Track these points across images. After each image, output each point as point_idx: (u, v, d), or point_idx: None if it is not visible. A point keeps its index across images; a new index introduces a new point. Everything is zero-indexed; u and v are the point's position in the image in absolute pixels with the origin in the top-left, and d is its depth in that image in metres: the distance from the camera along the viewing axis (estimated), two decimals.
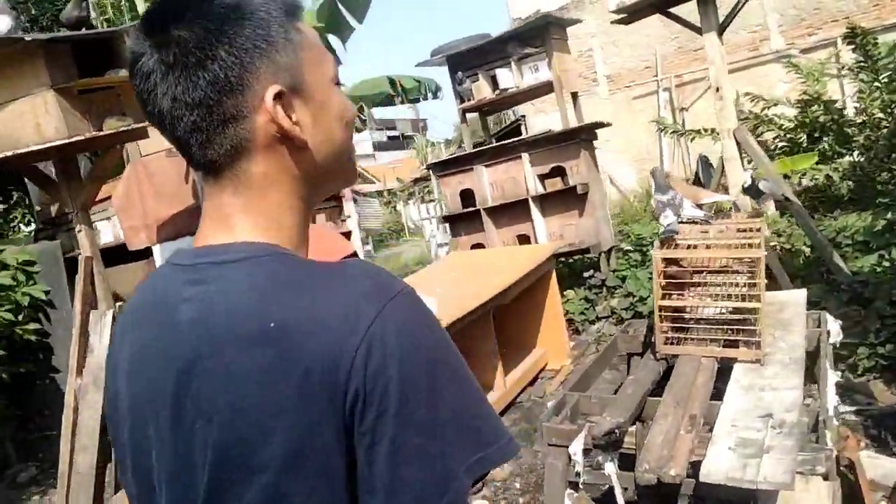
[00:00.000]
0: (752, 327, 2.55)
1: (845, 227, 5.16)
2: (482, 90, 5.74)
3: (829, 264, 4.45)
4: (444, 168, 6.09)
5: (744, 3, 4.65)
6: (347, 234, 5.59)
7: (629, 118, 14.47)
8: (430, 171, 6.26)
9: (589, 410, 2.60)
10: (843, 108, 8.36)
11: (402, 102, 9.19)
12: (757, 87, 10.93)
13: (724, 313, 2.73)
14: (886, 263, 4.19)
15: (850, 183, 8.34)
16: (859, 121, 8.11)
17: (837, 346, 3.10)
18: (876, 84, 7.59)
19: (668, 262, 2.72)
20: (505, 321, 4.39)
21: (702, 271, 2.92)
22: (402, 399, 0.61)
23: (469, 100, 5.87)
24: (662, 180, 3.07)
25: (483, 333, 3.89)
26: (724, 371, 2.68)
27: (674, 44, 13.72)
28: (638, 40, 14.14)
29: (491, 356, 3.95)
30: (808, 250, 5.24)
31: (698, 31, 4.78)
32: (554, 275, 4.41)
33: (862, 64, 7.57)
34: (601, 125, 5.77)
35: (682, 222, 2.94)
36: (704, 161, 6.54)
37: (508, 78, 5.59)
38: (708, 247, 2.71)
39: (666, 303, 2.68)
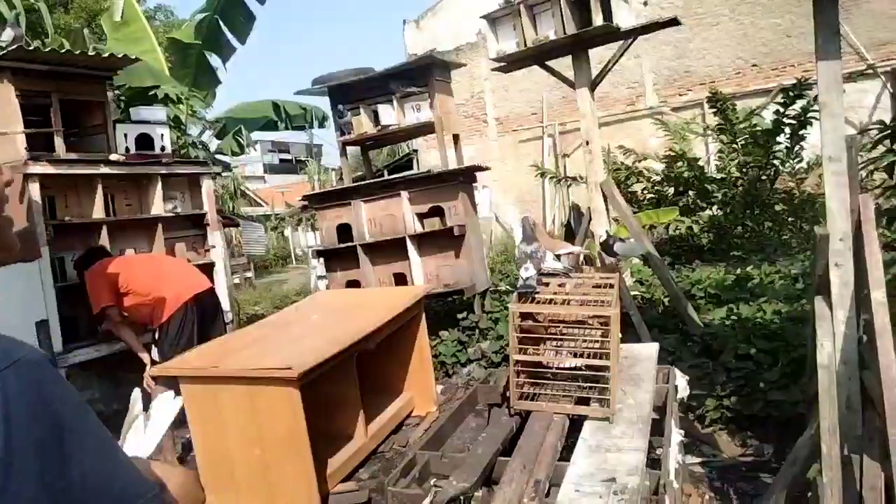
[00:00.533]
0: (605, 385, 2.55)
1: (700, 279, 5.47)
2: (363, 124, 5.63)
3: (683, 316, 4.67)
4: (322, 201, 5.89)
5: (614, 63, 4.88)
6: (209, 266, 5.23)
7: (515, 161, 14.97)
8: (308, 203, 6.00)
9: (439, 471, 2.49)
10: (705, 166, 9.03)
11: (287, 128, 8.91)
12: (633, 140, 11.62)
13: (580, 368, 2.73)
14: (734, 317, 4.45)
15: (710, 235, 9.00)
16: (719, 178, 8.79)
17: (685, 401, 3.20)
18: (733, 146, 8.27)
19: (525, 315, 2.69)
20: (370, 365, 4.21)
21: (559, 324, 2.92)
22: (6, 477, 0.58)
23: (349, 133, 5.73)
24: (530, 230, 3.07)
25: (344, 380, 3.69)
26: (578, 424, 2.66)
27: (559, 92, 14.39)
28: (527, 86, 14.73)
29: (352, 404, 3.75)
30: (666, 300, 5.50)
31: (572, 85, 4.95)
32: (424, 318, 4.31)
33: (722, 126, 8.23)
34: (480, 168, 5.82)
35: (542, 274, 2.95)
36: (576, 210, 6.78)
37: (390, 115, 5.52)
38: (564, 302, 2.71)
39: (521, 357, 2.64)
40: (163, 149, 5.35)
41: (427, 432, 4.06)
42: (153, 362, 4.02)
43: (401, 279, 5.68)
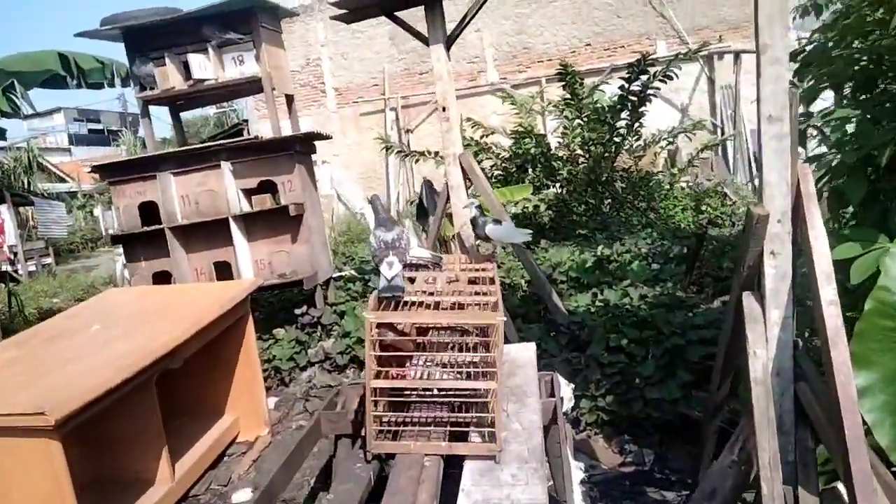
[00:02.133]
0: (488, 414, 1.96)
1: (561, 262, 5.13)
2: (170, 78, 4.54)
3: (547, 303, 4.27)
4: (118, 173, 4.71)
5: (473, 15, 4.30)
6: None
7: (357, 134, 14.15)
8: (99, 176, 4.81)
9: None
10: (549, 143, 8.88)
11: (80, 86, 7.32)
12: (476, 117, 11.31)
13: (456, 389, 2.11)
14: (600, 303, 4.12)
15: (551, 213, 8.93)
16: (561, 155, 8.70)
17: (569, 413, 2.73)
18: (578, 121, 8.15)
19: (385, 325, 2.01)
20: (178, 384, 3.31)
21: (427, 330, 2.29)
22: None
23: (152, 88, 4.62)
24: (384, 212, 2.38)
25: (140, 410, 2.78)
26: (455, 460, 2.06)
27: (401, 64, 13.78)
28: (367, 56, 13.91)
29: (152, 439, 2.85)
30: (524, 284, 5.12)
31: (425, 41, 4.30)
32: (251, 319, 3.47)
33: (569, 101, 8.06)
34: (320, 137, 4.99)
35: (406, 265, 2.28)
36: (428, 186, 6.18)
37: (205, 67, 4.49)
38: (434, 305, 2.06)
39: (381, 384, 1.96)
40: None
41: (254, 467, 3.27)
42: None
43: (224, 269, 4.72)
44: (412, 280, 2.28)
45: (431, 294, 2.17)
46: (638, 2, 13.03)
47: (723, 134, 12.62)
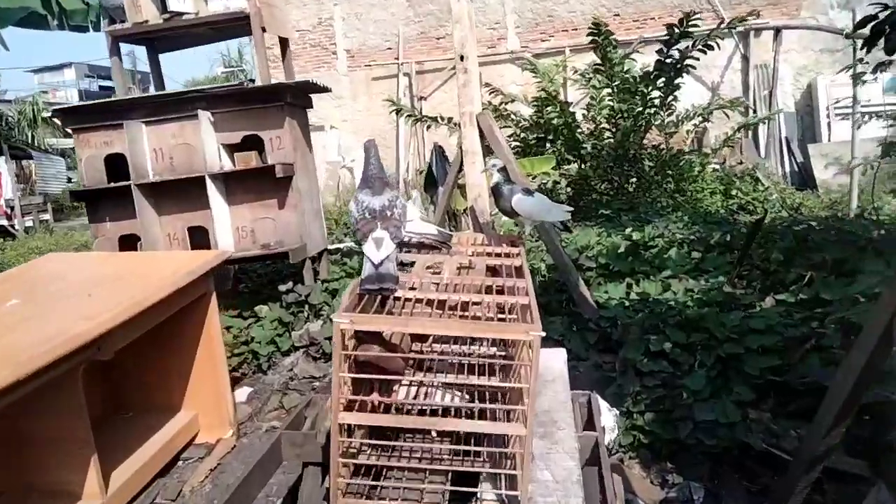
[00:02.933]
0: (503, 467, 1.34)
1: (588, 245, 4.48)
2: (143, 10, 3.89)
3: (572, 292, 3.65)
4: (82, 119, 4.09)
5: None
6: None
7: (368, 100, 13.43)
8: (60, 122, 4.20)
9: None
10: (574, 113, 8.15)
11: (61, 27, 6.68)
12: (494, 85, 10.62)
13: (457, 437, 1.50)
14: (636, 297, 3.49)
15: (569, 190, 8.27)
16: (586, 128, 8.01)
17: (610, 446, 2.12)
18: (607, 91, 7.43)
19: (364, 336, 1.39)
20: (123, 373, 2.72)
21: (426, 336, 1.67)
22: None
23: (121, 21, 3.97)
24: (378, 168, 1.73)
25: (58, 410, 2.19)
26: None
27: (417, 27, 12.99)
28: (381, 17, 13.13)
29: (76, 444, 2.27)
30: (545, 268, 4.49)
31: None
32: (214, 300, 2.87)
33: (599, 67, 7.34)
34: (315, 88, 4.33)
35: (401, 244, 1.65)
36: (440, 152, 5.53)
37: None
38: (441, 304, 1.44)
39: (354, 418, 1.34)
40: None
41: (211, 477, 2.69)
42: None
43: (200, 235, 4.12)
44: (408, 266, 1.67)
45: (436, 286, 1.55)
46: None
47: (755, 115, 11.82)
